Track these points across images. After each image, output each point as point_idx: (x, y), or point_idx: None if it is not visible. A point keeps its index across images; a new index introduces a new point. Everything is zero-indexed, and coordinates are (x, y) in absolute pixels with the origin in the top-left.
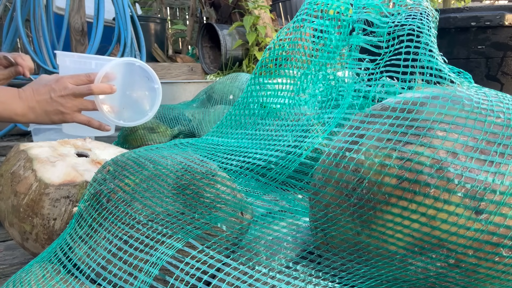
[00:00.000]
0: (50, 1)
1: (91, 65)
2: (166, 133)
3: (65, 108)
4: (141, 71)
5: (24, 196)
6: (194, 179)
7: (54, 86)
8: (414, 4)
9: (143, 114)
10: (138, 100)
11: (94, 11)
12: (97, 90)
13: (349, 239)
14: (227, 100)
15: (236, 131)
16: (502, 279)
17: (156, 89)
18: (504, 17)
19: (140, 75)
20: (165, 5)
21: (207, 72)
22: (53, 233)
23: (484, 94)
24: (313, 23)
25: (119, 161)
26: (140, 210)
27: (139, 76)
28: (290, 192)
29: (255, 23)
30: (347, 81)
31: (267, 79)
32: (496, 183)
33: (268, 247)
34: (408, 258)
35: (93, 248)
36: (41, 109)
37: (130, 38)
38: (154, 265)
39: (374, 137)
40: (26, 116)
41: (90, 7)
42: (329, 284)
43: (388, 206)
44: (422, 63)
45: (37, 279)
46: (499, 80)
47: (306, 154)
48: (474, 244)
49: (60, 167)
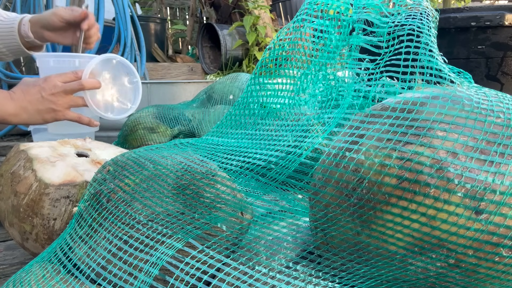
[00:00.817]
0: (50, 1)
1: (75, 64)
2: (166, 133)
3: (57, 105)
4: (122, 67)
5: (24, 196)
6: (194, 179)
7: (43, 85)
8: (414, 4)
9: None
10: (121, 94)
11: (94, 11)
12: (87, 85)
13: (349, 239)
14: (227, 100)
15: (236, 131)
16: (502, 279)
17: (136, 82)
18: (504, 17)
19: (121, 70)
20: (165, 5)
21: (207, 72)
22: (53, 233)
23: (484, 94)
24: (313, 23)
25: (119, 161)
26: (140, 210)
27: (120, 71)
28: (290, 192)
29: (255, 23)
30: (347, 81)
31: (267, 79)
32: (496, 183)
33: (268, 247)
34: (408, 258)
35: (93, 248)
36: (33, 109)
37: (130, 38)
38: (154, 265)
39: (374, 137)
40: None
41: (90, 7)
42: (329, 284)
43: (388, 206)
44: (422, 63)
45: (37, 279)
46: (499, 80)
47: (306, 154)
48: (474, 244)
49: (60, 167)
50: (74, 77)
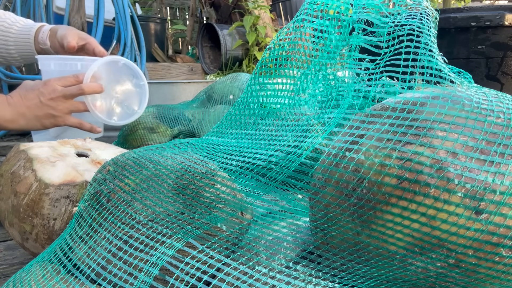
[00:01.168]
0: (50, 1)
1: (77, 67)
2: (166, 133)
3: (56, 111)
4: (127, 69)
5: (24, 196)
6: (194, 179)
7: (42, 89)
8: (414, 4)
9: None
10: (126, 98)
11: (94, 11)
12: (88, 90)
13: (349, 239)
14: (227, 100)
15: (236, 131)
16: (502, 279)
17: (142, 85)
18: (504, 17)
19: (126, 73)
20: (165, 5)
21: (207, 72)
22: (53, 233)
23: (484, 94)
24: (313, 23)
25: (119, 161)
26: (140, 210)
27: (125, 74)
28: (290, 192)
29: (255, 23)
30: (347, 81)
31: (267, 79)
32: (496, 183)
33: (268, 247)
34: (408, 258)
35: (93, 248)
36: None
37: (130, 38)
38: (154, 265)
39: (374, 137)
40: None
41: (90, 7)
42: (329, 284)
43: (388, 206)
44: (422, 63)
45: (37, 279)
46: (499, 80)
47: (306, 154)
48: (474, 244)
49: (60, 167)
50: (75, 81)
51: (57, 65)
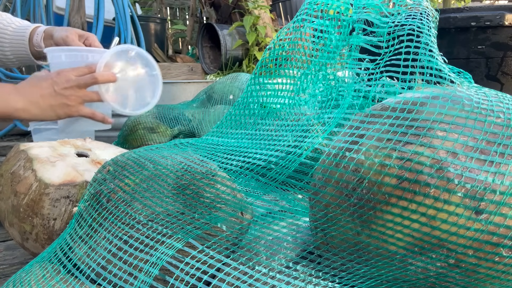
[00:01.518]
0: (50, 1)
1: (87, 58)
2: (166, 133)
3: (70, 100)
4: (140, 59)
5: (24, 196)
6: (194, 179)
7: (56, 79)
8: (414, 4)
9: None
10: (139, 88)
11: (94, 11)
12: (101, 79)
13: (349, 239)
14: (227, 100)
15: (236, 131)
16: (502, 279)
17: (155, 75)
18: (504, 17)
19: (138, 62)
20: (165, 5)
21: (207, 72)
22: (53, 233)
23: (484, 94)
24: (313, 23)
25: (119, 161)
26: (140, 210)
27: (138, 63)
28: (290, 192)
29: (255, 23)
30: (347, 81)
31: (267, 79)
32: (496, 183)
33: (268, 247)
34: (408, 258)
35: (93, 248)
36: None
37: (130, 38)
38: (154, 265)
39: (374, 137)
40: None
41: (90, 7)
42: (329, 284)
43: (388, 206)
44: (422, 63)
45: (37, 279)
46: (499, 80)
47: (306, 154)
48: (474, 244)
49: (60, 167)
50: (88, 71)
51: (68, 57)
